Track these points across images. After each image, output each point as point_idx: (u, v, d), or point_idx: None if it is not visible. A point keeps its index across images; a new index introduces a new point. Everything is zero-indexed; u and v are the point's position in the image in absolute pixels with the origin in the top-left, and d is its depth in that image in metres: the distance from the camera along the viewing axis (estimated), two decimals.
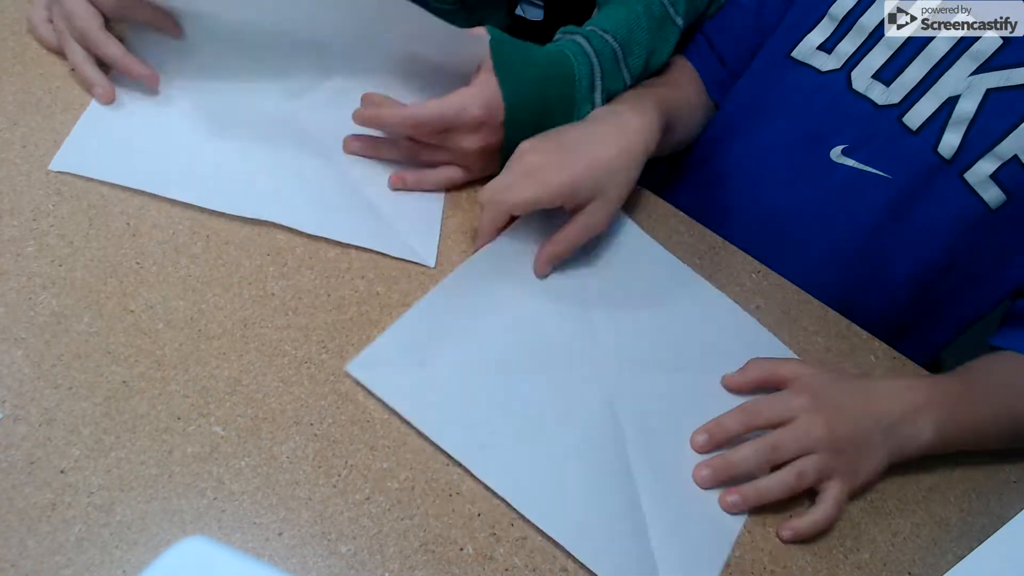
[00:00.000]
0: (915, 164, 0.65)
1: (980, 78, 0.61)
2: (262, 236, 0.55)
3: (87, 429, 0.44)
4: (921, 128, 0.64)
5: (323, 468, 0.47)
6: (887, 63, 0.64)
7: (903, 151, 0.65)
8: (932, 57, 0.62)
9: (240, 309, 0.51)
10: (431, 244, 0.59)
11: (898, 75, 0.64)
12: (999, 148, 0.61)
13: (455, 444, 0.49)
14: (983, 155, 0.62)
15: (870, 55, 0.65)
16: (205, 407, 0.47)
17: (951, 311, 0.73)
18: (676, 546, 0.49)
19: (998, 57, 0.60)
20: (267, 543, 0.43)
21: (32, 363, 0.45)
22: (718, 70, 0.75)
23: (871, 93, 0.66)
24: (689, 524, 0.51)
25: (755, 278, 0.68)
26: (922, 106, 0.64)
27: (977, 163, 0.62)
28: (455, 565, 0.45)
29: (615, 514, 0.49)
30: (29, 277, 0.48)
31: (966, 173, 0.63)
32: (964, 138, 0.62)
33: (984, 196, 0.64)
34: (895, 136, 0.65)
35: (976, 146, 0.62)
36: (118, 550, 0.41)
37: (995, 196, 0.63)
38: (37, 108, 0.56)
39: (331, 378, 0.50)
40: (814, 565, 0.52)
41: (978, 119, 0.61)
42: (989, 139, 0.62)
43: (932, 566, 0.54)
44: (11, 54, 0.58)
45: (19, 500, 0.41)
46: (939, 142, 0.63)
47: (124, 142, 0.56)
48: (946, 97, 0.62)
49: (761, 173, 0.74)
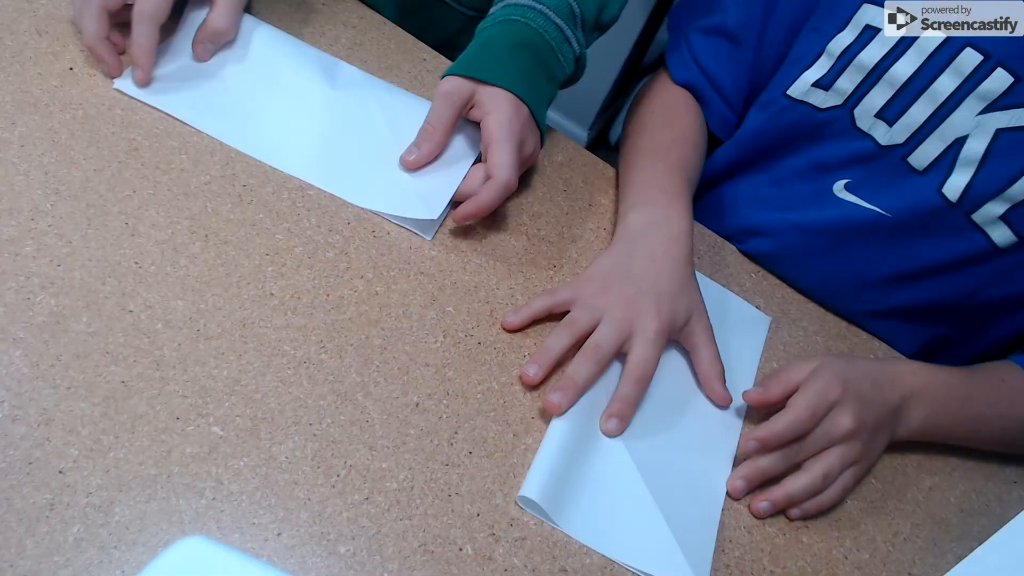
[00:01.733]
0: (918, 203, 0.63)
1: (989, 117, 0.59)
2: (261, 236, 0.55)
3: (86, 429, 0.44)
4: (928, 169, 0.62)
5: (322, 468, 0.46)
6: (890, 102, 0.62)
7: (907, 191, 0.64)
8: (937, 97, 0.60)
9: (239, 309, 0.51)
10: (433, 222, 0.60)
11: (901, 115, 0.62)
12: (1010, 191, 0.59)
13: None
14: (993, 198, 0.60)
15: (871, 93, 0.63)
16: (204, 407, 0.47)
17: (964, 347, 0.72)
18: (679, 526, 0.50)
19: (1007, 97, 0.58)
20: (266, 543, 0.43)
21: (31, 363, 0.45)
22: (723, 109, 0.72)
23: (874, 132, 0.64)
24: (682, 503, 0.52)
25: (755, 278, 0.68)
26: (928, 147, 0.62)
27: (985, 205, 0.61)
28: (454, 565, 0.45)
29: (628, 504, 0.50)
30: (27, 277, 0.48)
31: (974, 215, 0.61)
32: (972, 180, 0.60)
33: (992, 235, 0.62)
34: (899, 175, 0.64)
35: (985, 189, 0.60)
36: (117, 550, 0.41)
37: (1004, 236, 0.61)
38: (35, 108, 0.56)
39: (330, 378, 0.50)
40: (814, 565, 0.52)
41: (988, 160, 0.59)
42: (999, 182, 0.60)
43: (932, 566, 0.54)
44: (9, 54, 0.58)
45: (18, 500, 0.41)
46: (944, 183, 0.61)
47: (179, 78, 0.61)
48: (953, 138, 0.60)
49: (764, 203, 0.73)
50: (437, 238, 0.60)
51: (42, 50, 0.59)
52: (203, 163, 0.57)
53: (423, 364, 0.53)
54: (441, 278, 0.57)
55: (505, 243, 0.61)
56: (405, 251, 0.58)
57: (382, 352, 0.52)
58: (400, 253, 0.58)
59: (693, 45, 0.71)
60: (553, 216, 0.65)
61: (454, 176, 0.61)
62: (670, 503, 0.51)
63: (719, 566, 0.50)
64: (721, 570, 0.50)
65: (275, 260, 0.54)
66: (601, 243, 0.64)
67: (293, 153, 0.60)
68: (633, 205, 0.62)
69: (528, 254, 0.62)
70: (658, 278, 0.57)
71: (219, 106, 0.60)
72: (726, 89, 0.71)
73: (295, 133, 0.61)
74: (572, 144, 0.71)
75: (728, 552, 0.51)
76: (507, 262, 0.60)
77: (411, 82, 0.68)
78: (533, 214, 0.64)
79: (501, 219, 0.63)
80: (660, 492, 0.51)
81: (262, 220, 0.56)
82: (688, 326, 0.57)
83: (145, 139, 0.57)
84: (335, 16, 0.71)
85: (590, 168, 0.69)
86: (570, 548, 0.48)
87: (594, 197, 0.67)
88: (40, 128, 0.55)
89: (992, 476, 0.62)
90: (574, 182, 0.68)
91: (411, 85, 0.68)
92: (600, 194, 0.68)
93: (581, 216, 0.66)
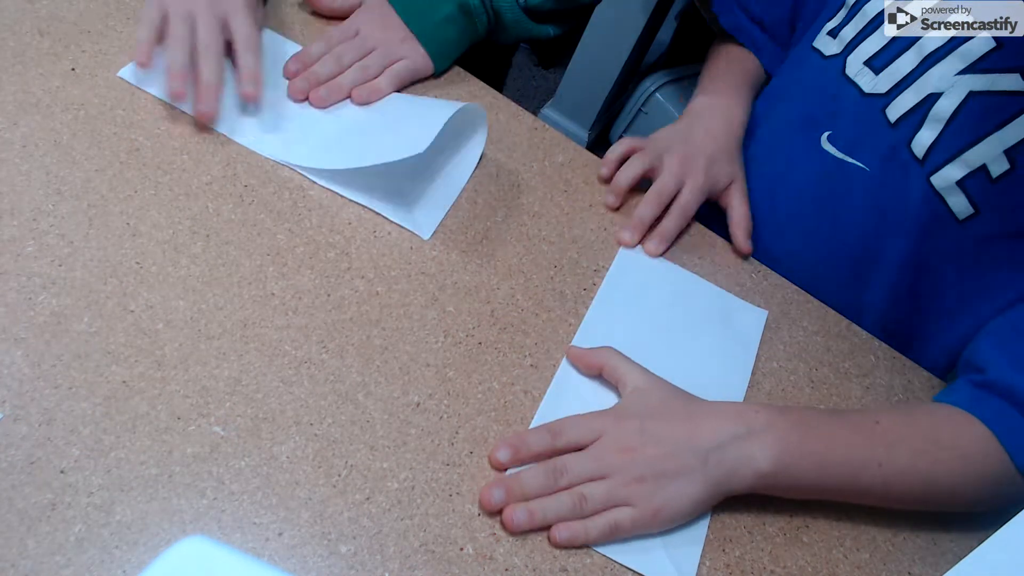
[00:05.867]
0: (890, 158, 0.64)
1: (965, 78, 0.59)
2: (262, 236, 0.55)
3: (87, 429, 0.44)
4: (899, 121, 0.63)
5: (323, 468, 0.47)
6: (880, 51, 0.63)
7: (880, 144, 0.64)
8: (923, 50, 0.61)
9: (240, 309, 0.51)
10: (433, 221, 0.60)
11: (888, 64, 0.63)
12: (969, 154, 0.59)
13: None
14: (952, 159, 0.60)
15: (866, 41, 0.64)
16: (205, 407, 0.47)
17: (946, 323, 0.68)
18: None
19: (987, 60, 0.58)
20: (267, 543, 0.43)
21: (32, 363, 0.45)
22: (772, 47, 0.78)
23: (860, 80, 0.65)
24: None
25: (755, 278, 0.68)
26: (904, 99, 0.62)
27: (945, 167, 0.60)
28: (455, 565, 0.45)
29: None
30: (29, 277, 0.48)
31: (933, 176, 0.61)
32: (938, 138, 0.60)
33: (950, 203, 0.61)
34: (875, 127, 0.64)
35: (947, 148, 0.60)
36: (118, 550, 0.41)
37: (962, 206, 0.61)
38: (37, 108, 0.56)
39: (331, 378, 0.50)
40: (814, 565, 0.52)
41: (954, 120, 0.59)
42: (961, 142, 0.59)
43: (932, 566, 0.54)
44: (11, 54, 0.58)
45: (19, 500, 0.41)
46: (913, 138, 0.62)
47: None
48: (928, 92, 0.61)
49: (765, 155, 0.74)
50: (437, 238, 0.60)
51: (44, 51, 0.59)
52: (204, 163, 0.57)
53: (424, 364, 0.53)
54: (442, 278, 0.58)
55: (506, 243, 0.62)
56: (406, 251, 0.58)
57: (383, 352, 0.52)
58: (401, 253, 0.58)
59: None
60: (553, 216, 0.65)
61: (451, 190, 0.62)
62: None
63: (719, 566, 0.50)
64: (721, 570, 0.50)
65: (276, 260, 0.54)
66: (602, 244, 0.64)
67: (295, 147, 0.60)
68: (707, 90, 0.75)
69: (529, 254, 0.62)
70: (710, 146, 0.69)
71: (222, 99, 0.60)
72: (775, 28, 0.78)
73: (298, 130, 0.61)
74: (573, 144, 0.71)
75: (728, 552, 0.51)
76: (508, 262, 0.60)
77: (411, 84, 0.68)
78: (533, 214, 0.64)
79: (502, 220, 0.63)
80: None
81: (263, 220, 0.56)
82: (728, 189, 0.69)
83: (147, 139, 0.57)
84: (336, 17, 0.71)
85: (591, 169, 0.70)
86: (571, 548, 0.48)
87: (595, 198, 0.68)
88: (42, 128, 0.55)
89: None
90: (575, 183, 0.68)
91: (411, 87, 0.68)
92: (601, 194, 0.68)
93: (582, 217, 0.66)
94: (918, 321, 0.69)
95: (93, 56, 0.60)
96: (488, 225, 0.62)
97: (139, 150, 0.56)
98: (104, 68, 0.59)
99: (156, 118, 0.58)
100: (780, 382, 0.61)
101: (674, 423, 0.50)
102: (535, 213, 0.64)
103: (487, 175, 0.65)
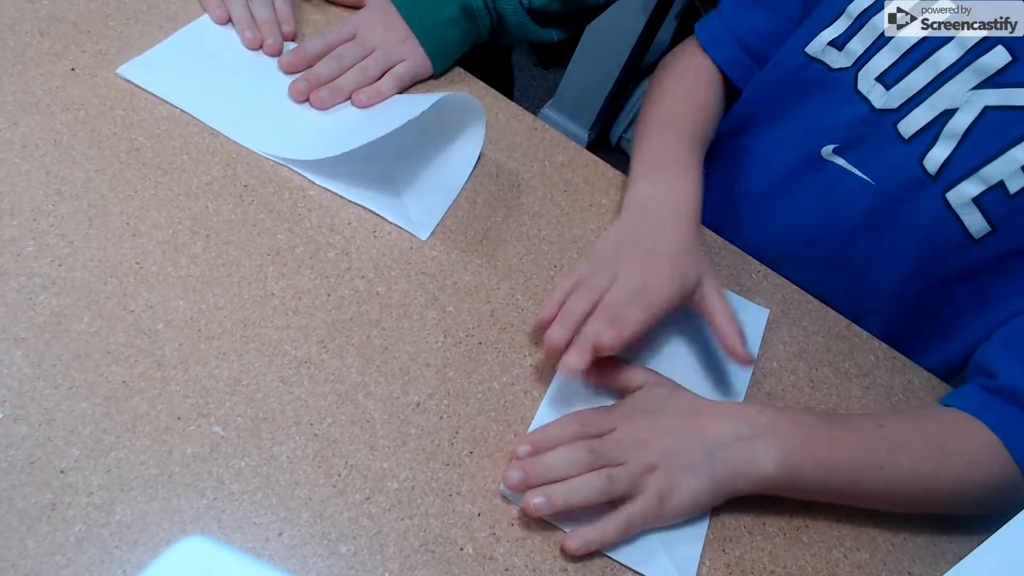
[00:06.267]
0: (900, 173, 0.63)
1: (980, 93, 0.58)
2: (262, 236, 0.55)
3: (87, 429, 0.44)
4: (913, 138, 0.62)
5: (323, 468, 0.47)
6: (892, 66, 0.63)
7: (891, 158, 0.64)
8: (937, 66, 0.60)
9: (240, 309, 0.51)
10: (431, 221, 0.60)
11: (900, 80, 0.62)
12: (985, 170, 0.59)
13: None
14: (968, 175, 0.59)
15: (878, 56, 0.63)
16: (205, 407, 0.47)
17: (951, 333, 0.68)
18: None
19: (1003, 75, 0.57)
20: (267, 543, 0.43)
21: (32, 363, 0.45)
22: (748, 66, 0.73)
23: (871, 95, 0.64)
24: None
25: (755, 277, 0.68)
26: (918, 115, 0.62)
27: (961, 183, 0.60)
28: (455, 565, 0.45)
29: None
30: (29, 277, 0.48)
31: (949, 193, 0.61)
32: (952, 154, 0.60)
33: (965, 221, 0.61)
34: (886, 142, 0.64)
35: (962, 164, 0.60)
36: (118, 550, 0.41)
37: (978, 224, 0.60)
38: (37, 108, 0.56)
39: (331, 378, 0.50)
40: (814, 565, 0.52)
41: (970, 136, 0.59)
42: (977, 159, 0.59)
43: (932, 566, 0.54)
44: (11, 54, 0.58)
45: (19, 500, 0.41)
46: (926, 154, 0.61)
47: (191, 72, 0.61)
48: (942, 109, 0.60)
49: (764, 165, 0.74)
50: (437, 238, 0.60)
51: (44, 51, 0.59)
52: (204, 163, 0.57)
53: (424, 364, 0.53)
54: (442, 278, 0.58)
55: (506, 243, 0.62)
56: (406, 251, 0.58)
57: (383, 352, 0.52)
58: (401, 253, 0.58)
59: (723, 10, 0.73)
60: (554, 216, 0.65)
61: (449, 190, 0.63)
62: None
63: (719, 566, 0.50)
64: (721, 570, 0.50)
65: (276, 260, 0.54)
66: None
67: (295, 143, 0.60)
68: (643, 173, 0.63)
69: (529, 254, 0.62)
70: (665, 241, 0.58)
71: (221, 97, 0.61)
72: (760, 51, 0.72)
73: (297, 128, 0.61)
74: (573, 145, 0.71)
75: (728, 552, 0.51)
76: (508, 262, 0.60)
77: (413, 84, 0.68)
78: (534, 214, 0.64)
79: (502, 220, 0.63)
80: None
81: (263, 220, 0.56)
82: (700, 288, 0.57)
83: (146, 139, 0.57)
84: (338, 15, 0.71)
85: (591, 169, 0.70)
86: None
87: (595, 198, 0.68)
88: (42, 128, 0.55)
89: None
90: (575, 183, 0.68)
91: (411, 88, 0.68)
92: (601, 195, 0.68)
93: (582, 217, 0.66)
94: (921, 331, 0.69)
95: (93, 56, 0.60)
96: (488, 225, 0.62)
97: (139, 150, 0.56)
98: (104, 68, 0.59)
99: (156, 118, 0.58)
100: (780, 382, 0.61)
101: (682, 419, 0.51)
102: (535, 213, 0.64)
103: (487, 175, 0.65)
